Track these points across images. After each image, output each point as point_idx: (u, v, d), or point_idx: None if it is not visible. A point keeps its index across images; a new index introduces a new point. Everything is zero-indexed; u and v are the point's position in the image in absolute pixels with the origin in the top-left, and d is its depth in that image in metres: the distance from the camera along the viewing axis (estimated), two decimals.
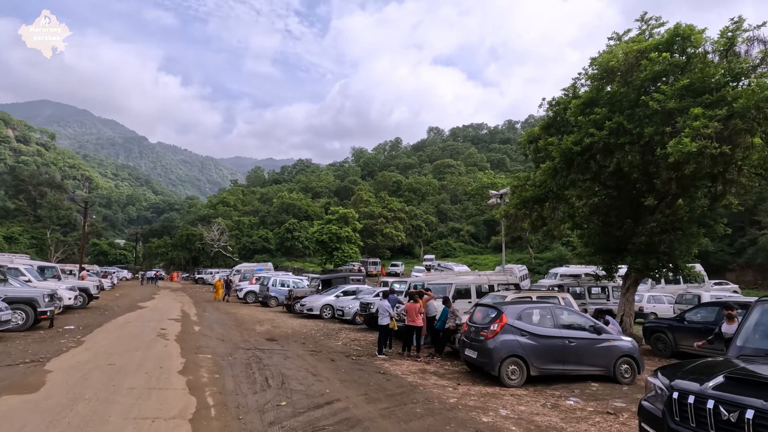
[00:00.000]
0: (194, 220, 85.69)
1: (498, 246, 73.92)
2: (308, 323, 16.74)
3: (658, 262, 12.81)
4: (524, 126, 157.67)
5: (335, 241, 44.69)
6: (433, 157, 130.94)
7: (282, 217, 79.93)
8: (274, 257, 67.96)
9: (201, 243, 65.45)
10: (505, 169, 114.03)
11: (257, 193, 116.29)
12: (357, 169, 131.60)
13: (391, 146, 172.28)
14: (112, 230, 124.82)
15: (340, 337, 13.58)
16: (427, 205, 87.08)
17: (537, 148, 15.75)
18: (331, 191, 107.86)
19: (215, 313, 19.01)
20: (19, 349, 9.02)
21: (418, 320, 10.35)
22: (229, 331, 13.04)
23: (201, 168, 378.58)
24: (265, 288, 24.05)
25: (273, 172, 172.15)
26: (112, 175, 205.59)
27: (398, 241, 53.02)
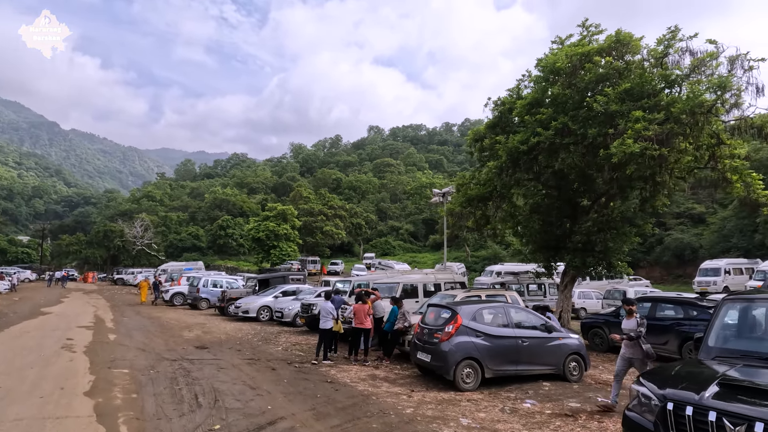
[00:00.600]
0: (114, 215, 78.33)
1: (436, 244, 75.78)
2: (244, 327, 15.50)
3: (594, 260, 13.36)
4: (461, 129, 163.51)
5: (273, 238, 42.78)
6: (373, 155, 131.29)
7: (214, 214, 75.57)
8: (205, 256, 63.99)
9: (121, 240, 59.76)
10: (443, 170, 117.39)
11: (187, 188, 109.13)
12: (296, 165, 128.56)
13: (331, 143, 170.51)
14: (13, 225, 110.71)
15: (279, 341, 12.61)
16: (367, 204, 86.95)
17: (482, 147, 15.84)
18: (268, 187, 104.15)
19: (136, 318, 17.04)
20: None
21: (366, 322, 9.76)
22: (152, 339, 11.56)
23: (123, 159, 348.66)
24: (195, 289, 22.15)
25: (205, 165, 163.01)
26: (15, 164, 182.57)
27: (338, 239, 52.11)
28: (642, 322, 6.36)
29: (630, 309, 6.61)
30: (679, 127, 9.20)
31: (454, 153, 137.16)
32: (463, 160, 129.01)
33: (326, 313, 10.03)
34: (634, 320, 6.42)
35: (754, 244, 33.03)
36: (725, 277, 26.75)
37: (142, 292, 24.75)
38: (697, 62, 9.72)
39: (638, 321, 6.37)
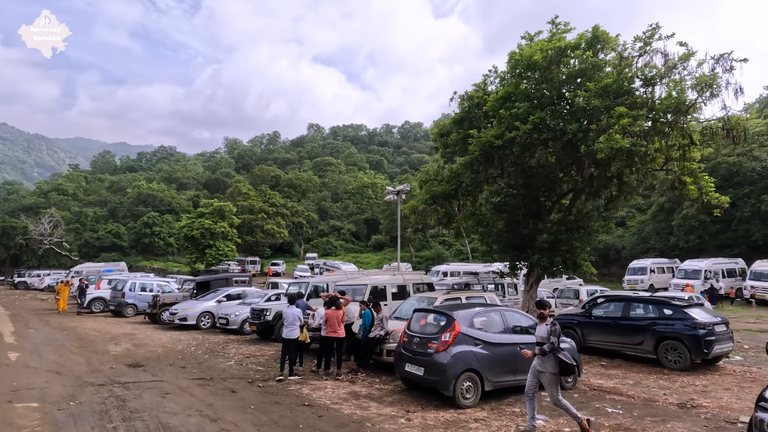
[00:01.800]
0: (15, 209, 68.55)
1: (378, 244, 75.46)
2: (183, 336, 13.51)
3: (561, 260, 13.25)
4: (401, 131, 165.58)
5: (208, 237, 39.47)
6: (313, 154, 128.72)
7: (138, 210, 69.05)
8: (127, 256, 58.05)
9: (24, 238, 52.21)
10: (383, 170, 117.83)
11: (106, 181, 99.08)
12: (231, 161, 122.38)
13: (269, 140, 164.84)
14: None
15: (229, 353, 10.97)
16: (308, 202, 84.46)
17: (447, 142, 15.29)
18: (200, 183, 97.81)
19: (45, 329, 14.27)
20: None
21: (340, 330, 8.57)
22: (69, 358, 9.42)
23: (27, 148, 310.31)
24: (120, 293, 19.32)
25: (127, 158, 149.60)
26: None
27: (280, 238, 49.56)
28: (554, 329, 5.37)
29: (542, 313, 5.70)
30: (661, 125, 9.14)
31: (394, 154, 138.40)
32: (403, 162, 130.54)
33: (292, 320, 8.71)
34: (545, 327, 5.48)
35: (669, 246, 36.17)
36: (651, 276, 28.85)
37: (62, 298, 21.02)
38: (674, 62, 9.75)
39: (549, 329, 5.37)
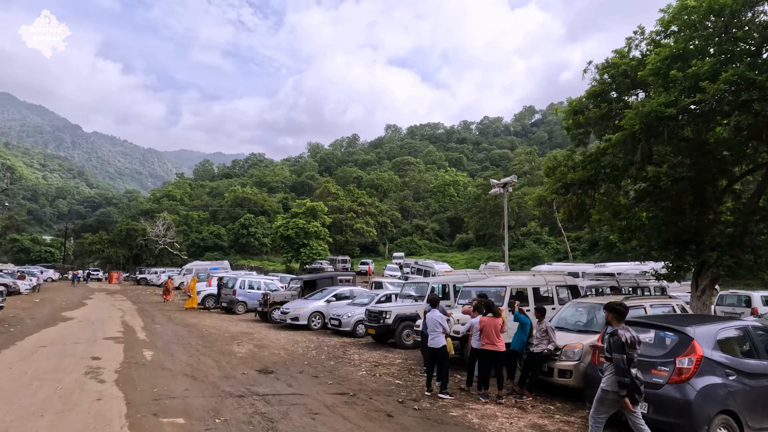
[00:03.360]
0: (136, 214, 77.29)
1: (463, 243, 72.75)
2: (298, 337, 12.95)
3: (753, 257, 10.36)
4: (480, 127, 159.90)
5: (302, 236, 40.34)
6: (391, 154, 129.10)
7: (235, 212, 73.92)
8: (227, 255, 62.21)
9: (144, 239, 58.34)
10: (463, 168, 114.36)
11: (206, 187, 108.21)
12: (314, 164, 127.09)
13: (349, 142, 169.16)
14: (38, 225, 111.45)
15: (353, 359, 9.99)
16: (391, 202, 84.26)
17: (580, 122, 13.02)
18: (288, 186, 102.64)
19: (169, 325, 14.64)
20: None
21: (499, 343, 7.01)
22: (199, 359, 9.03)
23: (143, 161, 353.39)
24: (231, 291, 19.73)
25: (223, 165, 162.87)
26: (39, 166, 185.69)
27: (369, 237, 49.51)
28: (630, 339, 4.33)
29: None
30: None
31: (473, 151, 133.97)
32: (483, 158, 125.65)
33: (435, 327, 7.35)
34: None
35: None
36: None
37: (193, 294, 21.13)
38: None
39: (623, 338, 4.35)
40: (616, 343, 4.38)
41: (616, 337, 4.39)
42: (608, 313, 4.69)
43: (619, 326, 4.51)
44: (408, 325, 11.92)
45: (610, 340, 4.45)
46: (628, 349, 4.30)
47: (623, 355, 4.28)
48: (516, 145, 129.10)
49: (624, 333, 4.39)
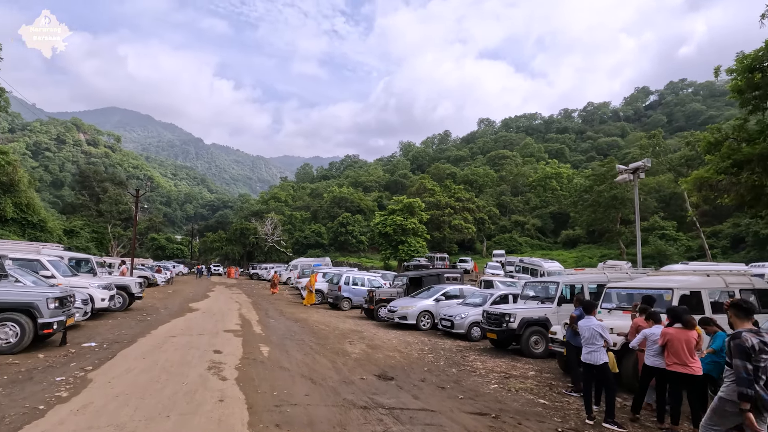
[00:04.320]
0: (247, 215, 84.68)
1: (570, 240, 66.51)
2: (408, 338, 12.10)
3: None
4: (583, 114, 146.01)
5: (400, 233, 39.94)
6: (485, 148, 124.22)
7: (334, 211, 76.84)
8: (327, 252, 64.76)
9: (255, 237, 63.51)
10: (565, 159, 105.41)
11: (307, 189, 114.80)
12: (406, 162, 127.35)
13: (440, 139, 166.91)
14: (171, 227, 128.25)
15: (476, 367, 8.77)
16: (487, 198, 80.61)
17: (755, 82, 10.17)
18: (381, 185, 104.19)
19: (281, 320, 14.85)
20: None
21: (694, 364, 5.25)
22: (314, 358, 8.57)
23: (252, 167, 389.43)
24: (336, 287, 19.76)
25: (321, 168, 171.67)
26: (172, 175, 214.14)
27: (468, 233, 47.50)
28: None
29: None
30: None
31: (576, 141, 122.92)
32: (588, 148, 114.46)
33: (593, 338, 5.80)
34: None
35: None
36: None
37: (311, 292, 20.94)
38: None
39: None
40: (738, 348, 3.69)
41: (739, 341, 3.71)
42: (731, 311, 4.05)
43: (744, 327, 3.84)
44: (536, 330, 10.33)
45: (731, 344, 3.82)
46: (754, 356, 3.62)
47: (746, 363, 3.60)
48: (627, 131, 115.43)
49: (749, 337, 3.67)
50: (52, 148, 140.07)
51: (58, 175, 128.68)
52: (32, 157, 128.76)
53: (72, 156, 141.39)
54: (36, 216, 35.43)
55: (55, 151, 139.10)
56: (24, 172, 36.28)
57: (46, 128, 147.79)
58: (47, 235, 35.45)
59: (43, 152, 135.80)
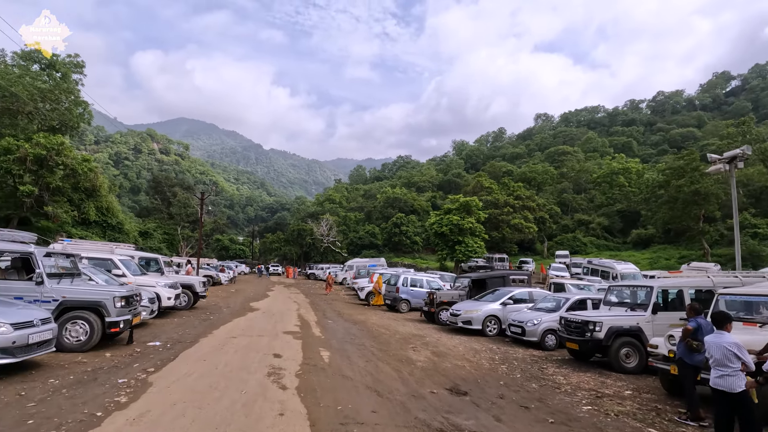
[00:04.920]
0: (304, 217, 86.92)
1: (641, 240, 61.26)
2: (475, 345, 11.17)
3: None
4: (651, 105, 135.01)
5: (457, 233, 38.65)
6: (543, 144, 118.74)
7: (388, 212, 76.66)
8: (381, 253, 64.64)
9: (311, 238, 64.86)
10: (632, 153, 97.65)
11: (360, 190, 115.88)
12: (460, 161, 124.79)
13: (494, 137, 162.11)
14: (234, 228, 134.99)
15: (558, 382, 7.70)
16: (547, 196, 76.47)
17: None
18: (434, 185, 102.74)
19: (339, 321, 14.46)
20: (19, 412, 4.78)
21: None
22: (377, 366, 7.95)
23: (307, 170, 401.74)
24: (394, 288, 19.16)
25: (374, 169, 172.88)
26: (234, 180, 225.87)
27: (529, 233, 45.11)
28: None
29: None
30: None
31: (645, 133, 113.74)
32: (659, 140, 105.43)
33: (727, 359, 4.64)
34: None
35: None
36: None
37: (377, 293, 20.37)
38: None
39: None
40: None
41: None
42: None
43: None
44: (627, 342, 9.00)
45: None
46: None
47: None
48: (704, 120, 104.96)
49: None
50: (130, 157, 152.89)
51: (135, 182, 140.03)
52: (114, 165, 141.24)
53: (147, 164, 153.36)
54: (115, 218, 38.27)
55: (132, 160, 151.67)
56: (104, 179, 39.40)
57: (125, 139, 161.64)
58: (124, 236, 38.18)
59: (123, 161, 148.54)
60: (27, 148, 25.26)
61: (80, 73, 35.43)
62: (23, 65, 32.55)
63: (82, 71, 35.60)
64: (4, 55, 34.05)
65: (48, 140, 26.23)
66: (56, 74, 33.55)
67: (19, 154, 25.05)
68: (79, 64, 35.36)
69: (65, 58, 34.74)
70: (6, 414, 4.54)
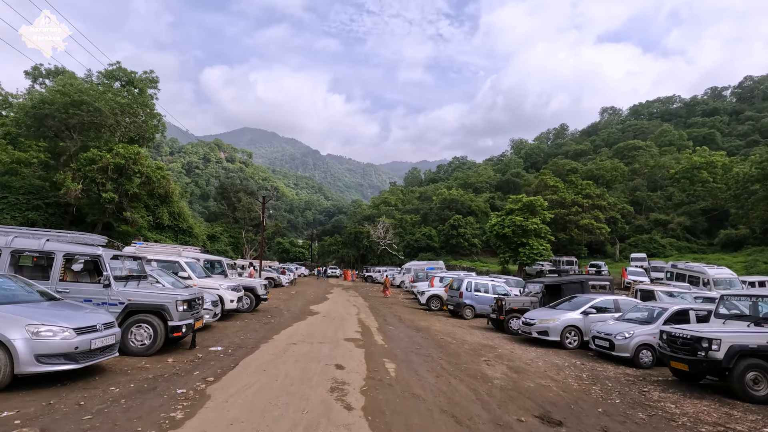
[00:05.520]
0: (360, 220, 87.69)
1: (731, 242, 54.64)
2: (556, 359, 9.93)
3: None
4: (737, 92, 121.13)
5: (520, 234, 36.57)
6: (610, 140, 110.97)
7: (444, 214, 75.15)
8: (438, 255, 63.29)
9: (368, 241, 65.07)
10: (716, 146, 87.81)
11: (416, 192, 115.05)
12: (519, 161, 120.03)
13: (556, 134, 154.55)
14: (293, 232, 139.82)
15: (668, 410, 6.38)
16: (618, 194, 70.78)
17: None
18: (492, 186, 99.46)
19: (401, 328, 13.73)
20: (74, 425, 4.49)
21: None
22: (450, 382, 7.08)
23: (363, 174, 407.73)
24: (457, 293, 18.11)
25: (429, 171, 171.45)
26: (293, 185, 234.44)
27: (600, 234, 41.72)
28: None
29: None
30: None
31: (731, 123, 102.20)
32: (747, 131, 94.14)
33: None
34: None
35: None
36: None
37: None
38: None
39: None
40: None
41: None
42: None
43: None
44: (755, 364, 7.39)
45: None
46: None
47: None
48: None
49: None
50: (200, 166, 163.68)
51: (205, 189, 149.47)
52: (186, 174, 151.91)
53: (215, 172, 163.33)
54: (185, 223, 40.51)
55: (202, 169, 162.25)
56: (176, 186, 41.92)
57: (196, 150, 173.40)
58: (194, 239, 40.32)
59: (194, 170, 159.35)
60: (108, 158, 27.24)
61: (155, 88, 37.98)
62: (106, 83, 35.44)
63: (156, 86, 38.13)
64: (90, 74, 37.38)
65: (126, 150, 28.15)
66: (134, 90, 36.15)
67: (102, 164, 27.06)
68: (154, 80, 37.92)
69: (141, 74, 37.43)
70: (62, 426, 4.27)
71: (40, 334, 5.27)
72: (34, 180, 30.52)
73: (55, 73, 35.49)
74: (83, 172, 27.20)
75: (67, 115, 28.05)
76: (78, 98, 27.92)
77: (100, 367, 6.50)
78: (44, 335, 5.30)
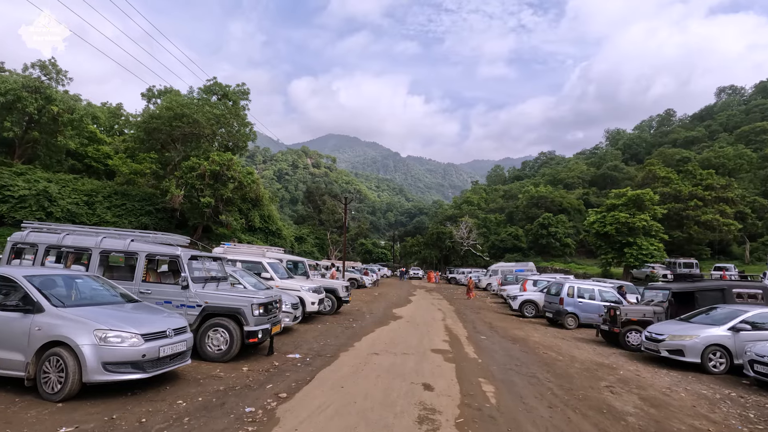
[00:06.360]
0: (442, 220, 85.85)
1: None
2: (699, 387, 7.78)
3: None
4: None
5: (626, 233, 32.27)
6: (730, 124, 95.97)
7: (532, 212, 70.38)
8: (527, 256, 59.22)
9: (451, 241, 63.22)
10: None
11: (500, 191, 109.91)
12: (616, 153, 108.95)
13: (660, 121, 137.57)
14: (376, 233, 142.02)
15: None
16: (745, 185, 60.23)
17: None
18: (585, 181, 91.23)
19: (494, 337, 12.22)
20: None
21: None
22: (569, 418, 5.59)
23: (443, 174, 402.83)
24: (557, 299, 15.98)
25: (513, 169, 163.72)
26: (375, 188, 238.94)
27: (729, 232, 35.33)
28: None
29: None
30: None
31: None
32: None
33: None
34: None
35: None
36: None
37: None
38: None
39: None
40: None
41: None
42: None
43: None
44: None
45: None
46: None
47: None
48: None
49: None
50: (289, 172, 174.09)
51: (294, 194, 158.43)
52: (277, 181, 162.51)
53: (302, 177, 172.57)
54: (275, 225, 42.47)
55: (291, 175, 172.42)
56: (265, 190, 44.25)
57: (285, 157, 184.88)
58: (282, 241, 42.12)
59: (284, 176, 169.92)
60: (206, 165, 29.27)
61: (246, 99, 40.47)
62: (204, 98, 38.47)
63: (248, 97, 40.60)
64: (192, 91, 40.93)
65: (220, 157, 30.04)
66: (228, 102, 38.80)
67: (200, 171, 29.14)
68: (245, 92, 40.42)
69: (234, 87, 40.13)
70: None
71: (107, 339, 4.95)
72: (147, 188, 34.03)
73: (164, 93, 39.40)
74: (185, 179, 29.54)
75: (171, 127, 30.72)
76: (180, 111, 30.45)
77: (174, 373, 6.16)
78: (112, 341, 4.96)
